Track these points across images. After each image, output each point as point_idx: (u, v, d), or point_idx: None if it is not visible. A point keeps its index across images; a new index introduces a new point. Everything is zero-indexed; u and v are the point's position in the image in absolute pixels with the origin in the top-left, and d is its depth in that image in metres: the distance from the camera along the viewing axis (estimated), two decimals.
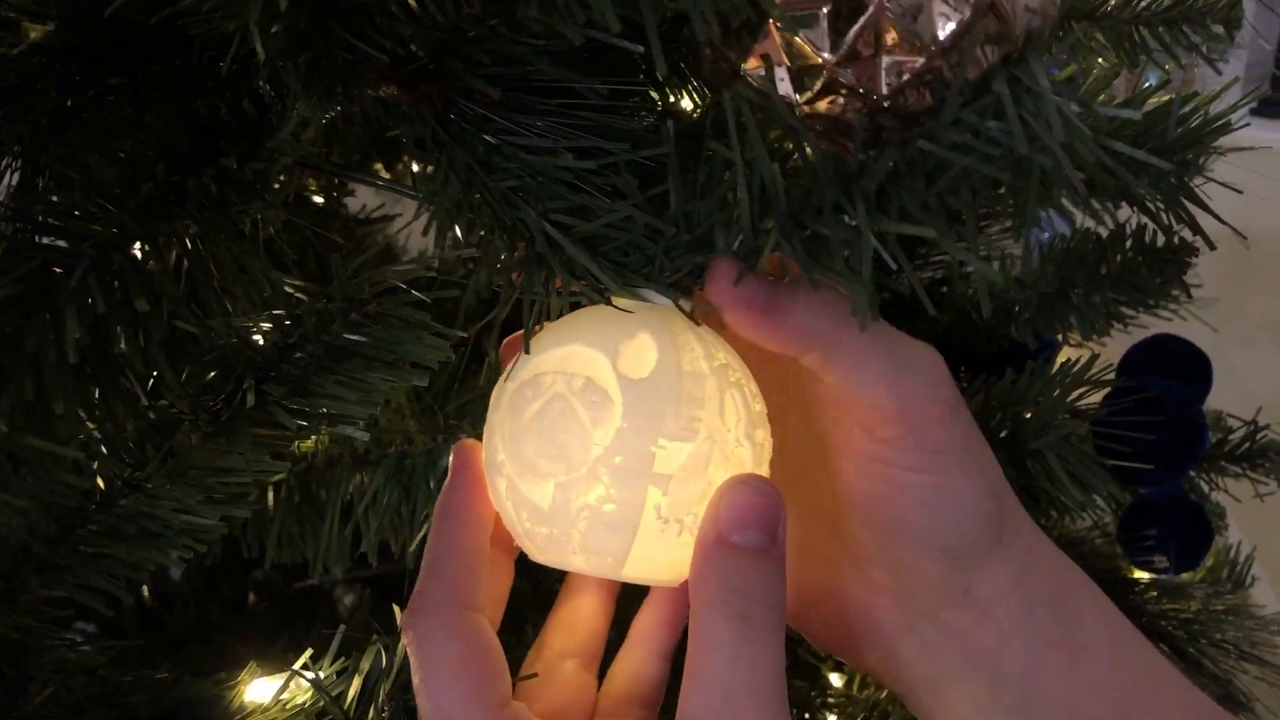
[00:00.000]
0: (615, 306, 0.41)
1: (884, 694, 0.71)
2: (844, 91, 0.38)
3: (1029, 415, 0.59)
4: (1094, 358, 0.61)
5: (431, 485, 0.58)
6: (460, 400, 0.58)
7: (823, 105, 0.38)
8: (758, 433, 0.44)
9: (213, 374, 0.46)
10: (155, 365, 0.37)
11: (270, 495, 0.56)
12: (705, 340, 0.43)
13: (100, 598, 0.48)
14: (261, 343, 0.46)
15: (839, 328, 0.41)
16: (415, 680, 0.42)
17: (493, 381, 0.52)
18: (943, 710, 0.47)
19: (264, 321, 0.46)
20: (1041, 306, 0.65)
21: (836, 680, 0.75)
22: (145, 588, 0.84)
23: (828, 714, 0.72)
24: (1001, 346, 0.68)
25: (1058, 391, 0.59)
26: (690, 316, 0.42)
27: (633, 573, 0.42)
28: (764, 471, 0.44)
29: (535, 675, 0.48)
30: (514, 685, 0.44)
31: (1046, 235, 0.69)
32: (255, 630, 0.84)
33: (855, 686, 0.73)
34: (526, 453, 0.41)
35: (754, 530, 0.40)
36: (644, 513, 0.40)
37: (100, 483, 0.46)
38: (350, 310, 0.45)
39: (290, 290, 0.46)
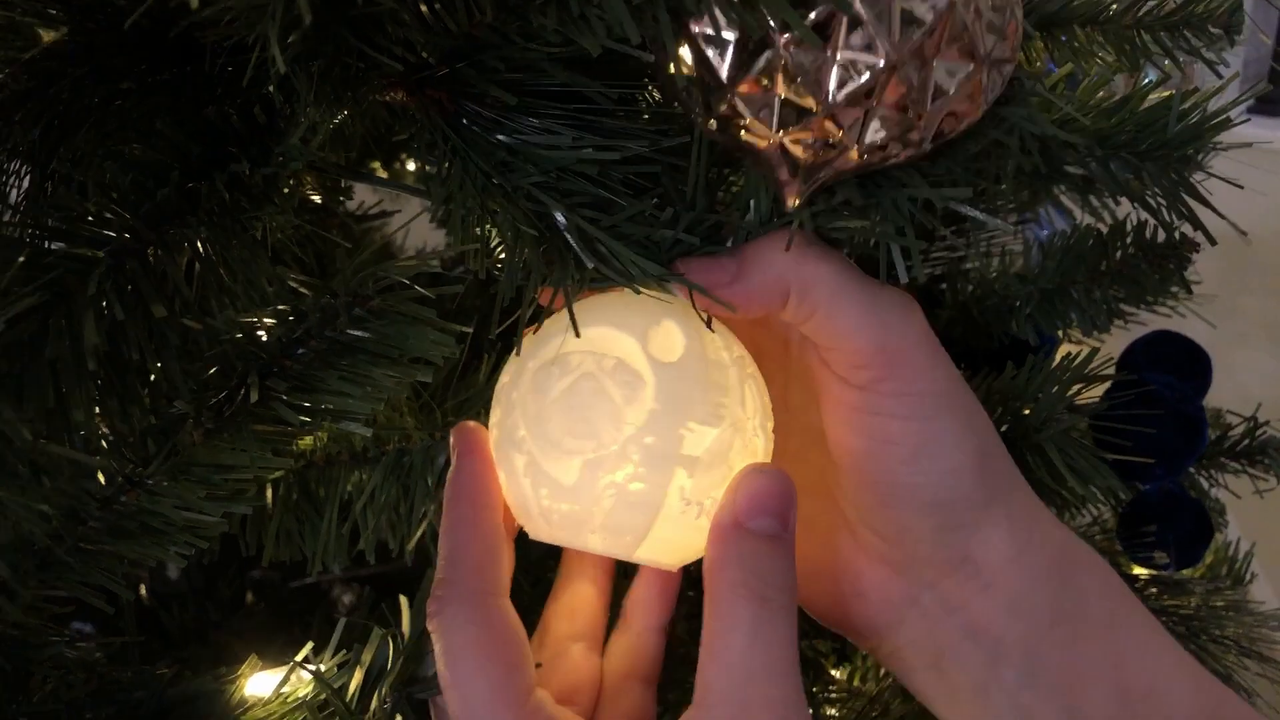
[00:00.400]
0: (649, 295, 0.42)
1: (886, 687, 0.71)
2: (824, 141, 0.39)
3: (1028, 411, 0.59)
4: (1094, 353, 0.61)
5: (429, 482, 0.58)
6: (459, 397, 0.58)
7: (798, 149, 0.39)
8: (769, 424, 0.45)
9: (215, 370, 0.45)
10: (167, 369, 0.37)
11: (269, 492, 0.56)
12: (722, 332, 0.44)
13: (100, 595, 0.48)
14: (265, 338, 0.46)
15: (806, 266, 0.42)
16: (441, 669, 0.42)
17: (492, 379, 0.52)
18: (945, 690, 0.47)
19: (268, 317, 0.46)
20: (1042, 302, 0.65)
21: (838, 674, 0.75)
22: (142, 587, 0.83)
23: (829, 708, 0.72)
24: (1001, 342, 0.68)
25: (1058, 387, 0.59)
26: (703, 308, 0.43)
27: (645, 554, 0.43)
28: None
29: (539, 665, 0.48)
30: None
31: (1046, 232, 0.69)
32: (253, 630, 0.84)
33: (857, 680, 0.74)
34: (552, 430, 0.41)
35: (768, 517, 0.41)
36: (669, 493, 0.41)
37: (101, 479, 0.46)
38: (355, 305, 0.45)
39: (295, 285, 0.46)
